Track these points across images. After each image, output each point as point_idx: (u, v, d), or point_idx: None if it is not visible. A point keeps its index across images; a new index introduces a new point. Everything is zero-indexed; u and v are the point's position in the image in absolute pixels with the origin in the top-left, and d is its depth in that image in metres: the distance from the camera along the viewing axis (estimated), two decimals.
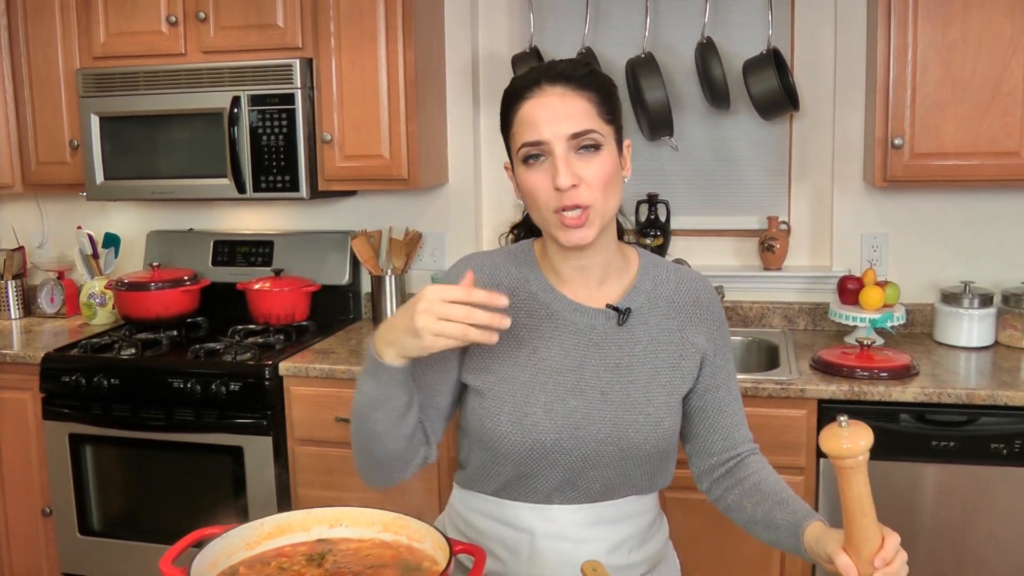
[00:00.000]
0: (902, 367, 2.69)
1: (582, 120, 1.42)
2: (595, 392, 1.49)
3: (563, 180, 1.40)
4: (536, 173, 1.44)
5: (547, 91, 1.44)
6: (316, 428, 2.98)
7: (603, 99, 1.46)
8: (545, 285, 1.55)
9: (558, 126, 1.41)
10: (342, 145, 3.20)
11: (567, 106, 1.42)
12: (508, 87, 1.50)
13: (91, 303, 3.61)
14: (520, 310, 1.53)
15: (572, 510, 1.52)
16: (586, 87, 1.44)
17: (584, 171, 1.42)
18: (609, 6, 3.36)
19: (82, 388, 3.08)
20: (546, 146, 1.42)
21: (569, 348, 1.51)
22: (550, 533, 1.52)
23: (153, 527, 3.13)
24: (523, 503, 1.53)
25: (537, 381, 1.49)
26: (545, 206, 1.44)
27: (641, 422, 1.49)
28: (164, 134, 3.28)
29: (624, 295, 1.55)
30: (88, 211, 3.84)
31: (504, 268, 1.57)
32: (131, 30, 3.30)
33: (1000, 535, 2.59)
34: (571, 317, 1.52)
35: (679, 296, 1.58)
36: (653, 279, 1.58)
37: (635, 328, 1.53)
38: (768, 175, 3.34)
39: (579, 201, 1.41)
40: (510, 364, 1.50)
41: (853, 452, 1.24)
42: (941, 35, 2.75)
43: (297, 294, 3.41)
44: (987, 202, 3.15)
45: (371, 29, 3.12)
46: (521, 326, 1.52)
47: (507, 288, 1.54)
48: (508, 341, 1.50)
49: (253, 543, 1.35)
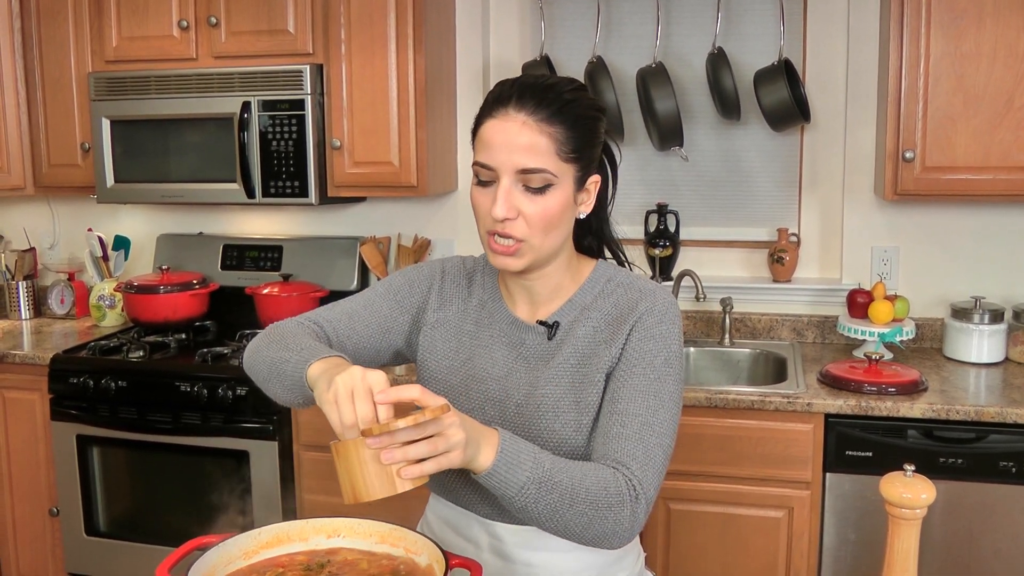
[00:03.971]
0: (910, 382, 2.67)
1: (535, 157, 1.38)
2: (512, 404, 1.49)
3: (498, 211, 1.39)
4: (481, 192, 1.44)
5: (511, 116, 1.39)
6: (323, 434, 2.97)
7: (571, 135, 1.40)
8: (495, 295, 1.58)
9: (509, 157, 1.39)
10: (351, 151, 3.20)
11: (525, 138, 1.38)
12: (491, 89, 1.47)
13: (100, 305, 3.63)
14: (469, 316, 1.58)
15: (512, 531, 1.49)
16: (554, 121, 1.39)
17: (526, 207, 1.40)
18: (620, 15, 3.35)
19: (90, 390, 3.09)
20: (493, 172, 1.41)
21: (499, 359, 1.53)
22: (497, 551, 1.50)
23: (158, 529, 3.14)
24: (473, 514, 1.52)
25: (464, 387, 1.53)
26: (482, 224, 1.46)
27: (545, 438, 1.45)
28: (174, 138, 3.29)
29: (557, 309, 1.53)
30: (99, 213, 3.85)
31: (476, 274, 1.63)
32: (143, 34, 3.31)
33: (1006, 553, 2.57)
34: (507, 329, 1.55)
35: (616, 309, 1.49)
36: (597, 293, 1.52)
37: (563, 343, 1.50)
38: (778, 187, 3.33)
39: (512, 233, 1.41)
40: (445, 366, 1.56)
41: (912, 504, 1.22)
42: (954, 47, 2.73)
43: (306, 299, 3.41)
44: (998, 217, 3.12)
45: (382, 35, 3.12)
46: (465, 332, 1.57)
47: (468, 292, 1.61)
48: (449, 343, 1.57)
49: (250, 552, 1.35)
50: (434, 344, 1.58)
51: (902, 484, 1.25)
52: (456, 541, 1.55)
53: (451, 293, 1.61)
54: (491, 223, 1.42)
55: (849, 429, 2.62)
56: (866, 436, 2.62)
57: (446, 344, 1.57)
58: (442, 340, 1.58)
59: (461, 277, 1.63)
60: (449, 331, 1.58)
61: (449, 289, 1.61)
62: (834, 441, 2.64)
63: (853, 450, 2.63)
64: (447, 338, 1.57)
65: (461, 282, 1.62)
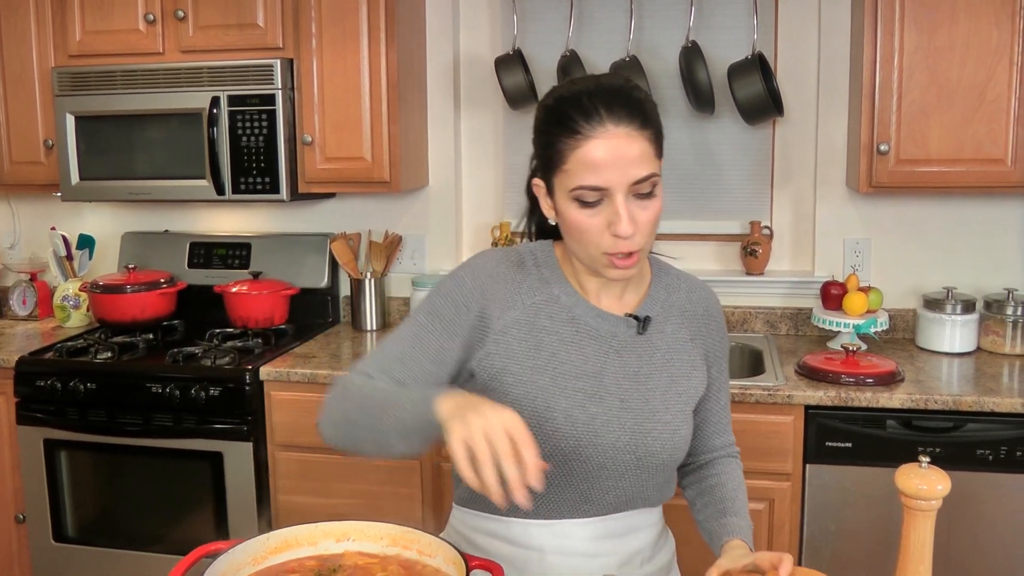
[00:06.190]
0: (888, 373, 2.70)
1: (646, 165, 1.36)
2: (614, 399, 1.47)
3: (626, 229, 1.35)
4: (588, 215, 1.38)
5: (612, 132, 1.34)
6: (297, 433, 2.93)
7: (656, 132, 1.40)
8: (567, 289, 1.52)
9: (624, 172, 1.34)
10: (323, 147, 3.16)
11: (634, 149, 1.35)
12: (558, 108, 1.39)
13: (65, 305, 3.54)
14: (540, 311, 1.50)
15: (583, 524, 1.50)
16: (646, 124, 1.37)
17: (640, 216, 1.38)
18: (593, 8, 3.34)
19: (57, 392, 3.02)
20: (605, 192, 1.36)
21: (589, 354, 1.49)
22: (562, 549, 1.50)
23: (129, 534, 3.07)
24: (531, 520, 1.49)
25: (557, 386, 1.46)
26: (595, 246, 1.40)
27: (660, 430, 1.48)
28: (141, 134, 3.22)
29: (641, 303, 1.54)
30: (61, 212, 3.76)
31: (527, 265, 1.54)
32: (108, 28, 3.23)
33: (983, 540, 2.61)
34: (593, 323, 1.50)
35: (691, 306, 1.59)
36: (666, 287, 1.58)
37: (653, 337, 1.53)
38: (751, 180, 3.34)
39: (634, 248, 1.39)
40: (529, 367, 1.47)
41: (928, 495, 1.22)
42: (928, 41, 2.76)
43: (276, 297, 3.37)
44: (970, 209, 3.17)
45: (353, 30, 3.08)
46: (541, 328, 1.49)
47: (529, 287, 1.51)
48: (527, 342, 1.47)
49: (259, 558, 1.32)
50: (510, 348, 1.47)
51: (918, 476, 1.25)
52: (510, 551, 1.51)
53: (509, 293, 1.50)
54: (608, 243, 1.38)
55: (829, 420, 2.64)
56: (846, 427, 2.64)
57: (523, 344, 1.47)
58: (517, 341, 1.47)
59: (513, 273, 1.52)
60: (521, 331, 1.48)
61: (505, 291, 1.50)
62: (814, 432, 2.66)
63: (833, 441, 2.65)
64: (522, 338, 1.47)
65: (515, 279, 1.52)
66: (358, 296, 3.46)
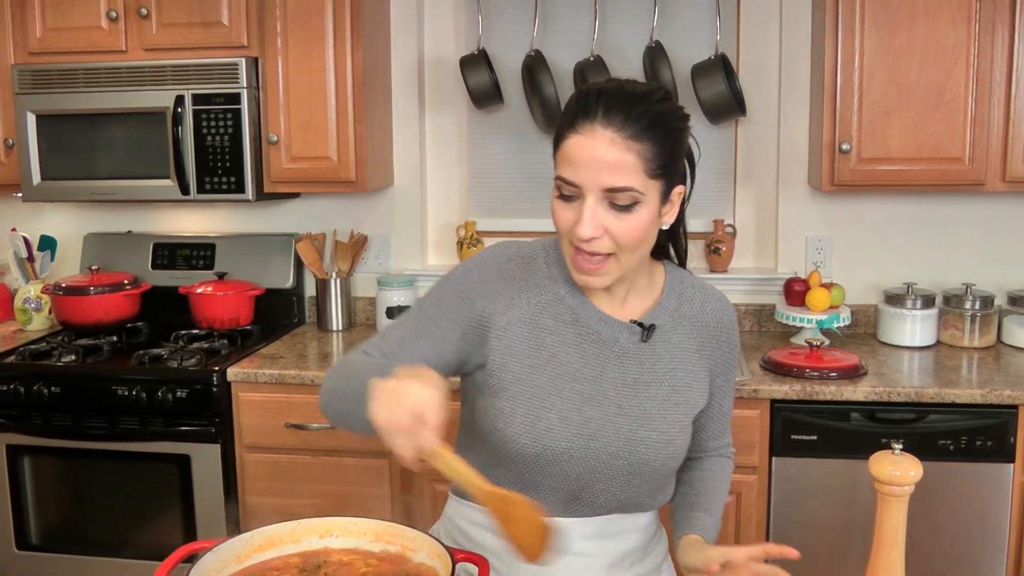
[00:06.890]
0: (851, 367, 2.74)
1: (623, 176, 1.33)
2: (611, 404, 1.48)
3: (584, 231, 1.35)
4: (563, 207, 1.39)
5: (597, 133, 1.33)
6: (265, 435, 2.92)
7: (659, 150, 1.35)
8: (573, 290, 1.51)
9: (596, 175, 1.33)
10: (289, 146, 3.15)
11: (612, 156, 1.33)
12: (576, 97, 1.40)
13: (26, 308, 3.49)
14: (544, 311, 1.50)
15: (573, 523, 1.50)
16: (642, 138, 1.34)
17: (612, 225, 1.36)
18: (557, 8, 3.36)
19: (20, 397, 2.97)
20: (577, 189, 1.36)
21: (590, 357, 1.49)
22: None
23: (96, 540, 3.03)
24: None
25: (555, 387, 1.46)
26: (565, 238, 1.42)
27: (654, 439, 1.48)
28: (104, 133, 3.18)
29: (649, 312, 1.53)
30: (22, 213, 3.71)
31: (538, 262, 1.54)
32: (69, 25, 3.19)
33: (944, 527, 2.67)
34: (596, 327, 1.50)
35: (703, 316, 1.56)
36: (679, 296, 1.56)
37: (657, 345, 1.51)
38: (714, 178, 3.38)
39: (599, 250, 1.38)
40: (528, 366, 1.47)
41: (901, 481, 1.25)
42: (887, 42, 2.82)
43: (241, 298, 3.35)
44: (929, 206, 3.23)
45: (319, 29, 3.08)
46: (543, 328, 1.49)
47: (536, 285, 1.51)
48: (528, 341, 1.48)
49: (243, 556, 1.32)
50: (511, 345, 1.48)
51: (891, 463, 1.28)
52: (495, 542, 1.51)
53: (516, 290, 1.50)
54: (576, 240, 1.38)
55: (794, 414, 2.69)
56: (811, 420, 2.68)
57: (524, 343, 1.48)
58: (518, 339, 1.48)
59: (522, 270, 1.52)
60: (524, 329, 1.49)
61: (511, 287, 1.51)
62: (780, 426, 2.70)
63: (798, 434, 2.69)
64: (524, 336, 1.48)
65: (523, 275, 1.52)
66: (324, 296, 3.45)
